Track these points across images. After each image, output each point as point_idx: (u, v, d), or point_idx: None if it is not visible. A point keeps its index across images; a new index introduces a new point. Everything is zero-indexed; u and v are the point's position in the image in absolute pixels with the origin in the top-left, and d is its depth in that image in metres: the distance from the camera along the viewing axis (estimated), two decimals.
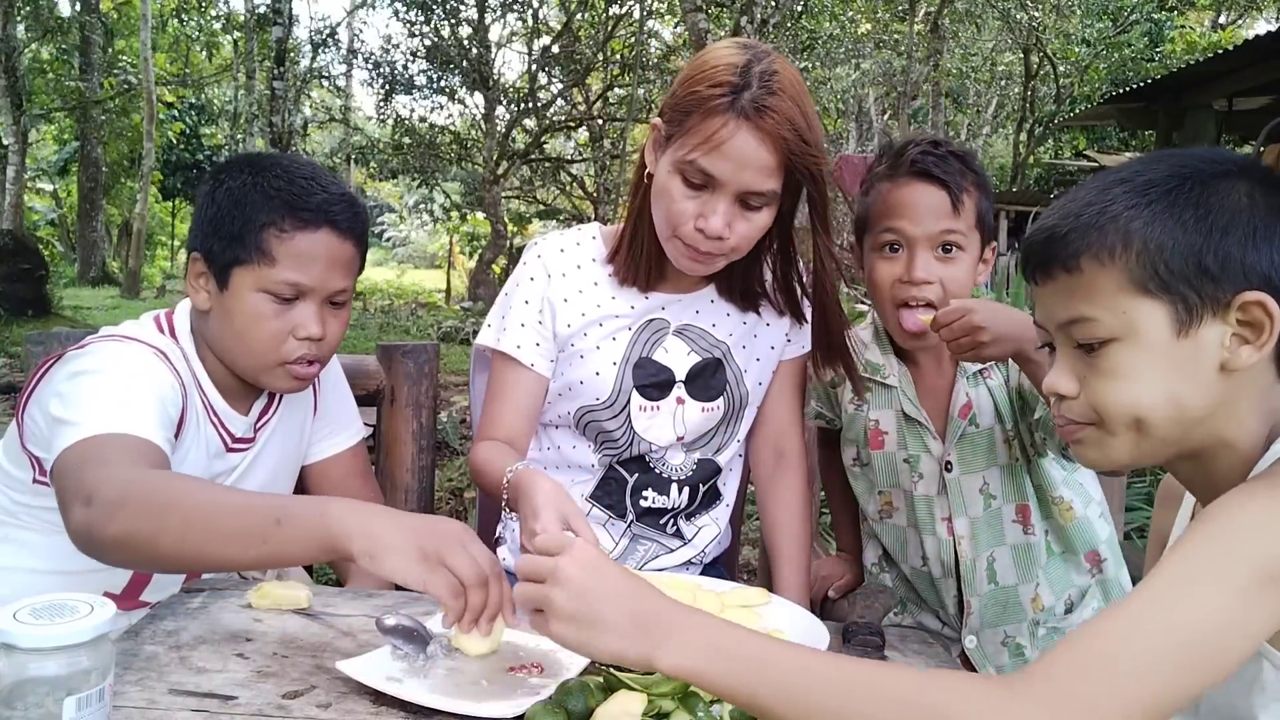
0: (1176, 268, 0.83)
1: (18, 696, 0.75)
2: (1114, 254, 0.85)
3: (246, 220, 1.29)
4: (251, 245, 1.28)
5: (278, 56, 11.87)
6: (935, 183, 1.40)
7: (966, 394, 1.48)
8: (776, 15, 9.33)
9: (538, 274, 1.49)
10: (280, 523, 0.99)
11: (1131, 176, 0.88)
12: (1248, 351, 0.83)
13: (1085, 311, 0.87)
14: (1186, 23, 17.64)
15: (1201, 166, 0.87)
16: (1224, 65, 7.99)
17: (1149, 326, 0.84)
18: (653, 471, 1.51)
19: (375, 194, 29.28)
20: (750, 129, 1.25)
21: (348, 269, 1.35)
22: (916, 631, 1.29)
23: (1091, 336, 0.87)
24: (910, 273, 1.40)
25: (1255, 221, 0.83)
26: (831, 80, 16.67)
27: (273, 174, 1.32)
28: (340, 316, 1.37)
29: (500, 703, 0.92)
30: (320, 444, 1.58)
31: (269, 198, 1.29)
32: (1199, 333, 0.84)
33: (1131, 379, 0.86)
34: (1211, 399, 0.85)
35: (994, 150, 21.23)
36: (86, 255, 17.08)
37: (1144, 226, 0.84)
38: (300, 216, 1.29)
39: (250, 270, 1.29)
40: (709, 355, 1.49)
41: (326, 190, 1.33)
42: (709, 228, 1.30)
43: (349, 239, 1.34)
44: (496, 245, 14.60)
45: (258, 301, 1.30)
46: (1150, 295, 0.84)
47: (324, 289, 1.32)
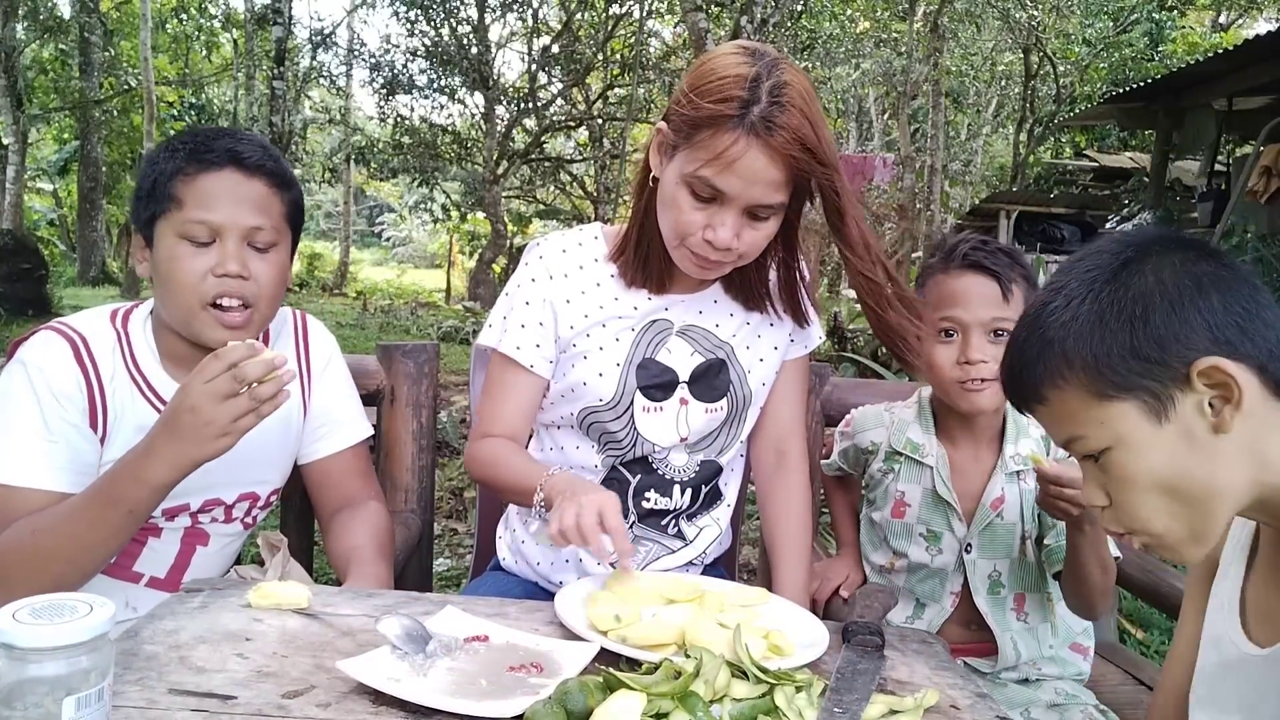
0: (1120, 367, 0.87)
1: (17, 696, 0.75)
2: (1065, 376, 0.91)
3: (158, 175, 1.35)
4: (163, 195, 1.35)
5: (277, 56, 11.86)
6: (986, 274, 1.50)
7: (1002, 489, 1.57)
8: (776, 15, 9.32)
9: (539, 275, 1.48)
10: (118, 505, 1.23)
11: (1052, 295, 0.93)
12: (1229, 411, 0.86)
13: (1072, 431, 0.93)
14: (1187, 23, 17.63)
15: (1107, 261, 0.91)
16: (1224, 65, 7.99)
17: (1130, 426, 0.88)
18: (655, 473, 1.50)
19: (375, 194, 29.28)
20: (760, 146, 1.24)
21: (260, 208, 1.38)
22: (916, 631, 1.29)
23: (1089, 450, 0.92)
24: (966, 354, 1.49)
25: (1169, 295, 0.87)
26: (831, 80, 16.68)
27: (181, 137, 1.39)
28: (269, 261, 1.39)
29: (500, 702, 0.92)
30: (319, 442, 1.57)
31: (174, 151, 1.36)
32: (1177, 412, 0.87)
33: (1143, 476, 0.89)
34: (1226, 461, 0.87)
35: (994, 150, 21.22)
36: (86, 255, 17.06)
37: (1076, 343, 0.90)
38: (202, 158, 1.35)
39: (166, 220, 1.35)
40: (713, 356, 1.49)
41: (233, 136, 1.39)
42: (717, 240, 1.30)
43: (258, 177, 1.37)
44: (496, 245, 14.60)
45: (175, 246, 1.34)
46: (1113, 399, 0.88)
47: (235, 226, 1.35)
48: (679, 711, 0.89)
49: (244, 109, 18.06)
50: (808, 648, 1.10)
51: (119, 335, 1.40)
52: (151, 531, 1.43)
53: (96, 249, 17.22)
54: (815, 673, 1.03)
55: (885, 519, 1.65)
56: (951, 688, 1.06)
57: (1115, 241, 0.94)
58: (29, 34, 15.70)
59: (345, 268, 20.71)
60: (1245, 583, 1.01)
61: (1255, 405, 0.86)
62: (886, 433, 1.67)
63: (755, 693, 0.95)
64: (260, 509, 1.55)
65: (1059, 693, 1.55)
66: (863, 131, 20.92)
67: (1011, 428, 1.60)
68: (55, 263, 14.50)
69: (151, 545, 1.43)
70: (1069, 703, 1.53)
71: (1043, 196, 12.71)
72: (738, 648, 1.00)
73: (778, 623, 1.17)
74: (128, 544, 1.39)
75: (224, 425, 1.19)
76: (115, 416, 1.37)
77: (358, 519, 1.52)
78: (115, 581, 1.41)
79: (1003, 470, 1.57)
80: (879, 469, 1.67)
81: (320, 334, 1.61)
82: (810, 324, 1.57)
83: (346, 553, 1.47)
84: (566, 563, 1.54)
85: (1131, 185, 12.16)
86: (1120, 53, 15.21)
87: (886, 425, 1.68)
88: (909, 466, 1.63)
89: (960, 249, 1.53)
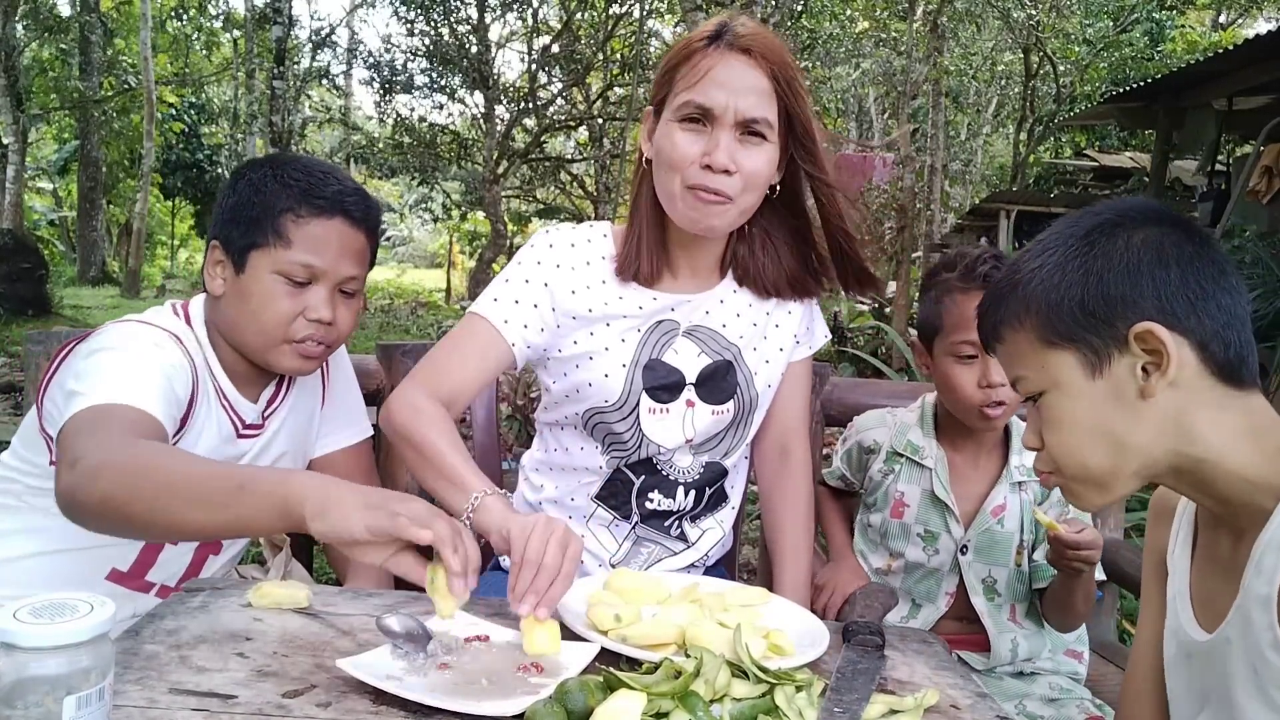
0: (1067, 316, 0.94)
1: (18, 695, 0.75)
2: (1020, 319, 0.97)
3: (265, 207, 1.36)
4: (269, 229, 1.36)
5: (277, 56, 11.87)
6: None
7: (1005, 497, 1.60)
8: (776, 15, 9.33)
9: (545, 259, 1.46)
10: (243, 488, 1.03)
11: (1034, 244, 1.00)
12: (1157, 377, 0.90)
13: (1018, 371, 1.00)
14: (1187, 22, 17.63)
15: (1087, 223, 0.97)
16: (1224, 65, 7.98)
17: (1065, 374, 0.95)
18: (659, 473, 1.50)
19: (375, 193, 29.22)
20: (735, 54, 1.32)
21: (359, 258, 1.42)
22: (916, 631, 1.29)
23: (1028, 392, 0.99)
24: (987, 378, 1.51)
25: (1130, 259, 0.92)
26: (831, 80, 16.67)
27: (291, 168, 1.41)
28: (351, 306, 1.43)
29: (500, 702, 0.92)
30: (325, 438, 1.59)
31: (287, 186, 1.37)
32: (1111, 370, 0.93)
33: (1065, 423, 0.96)
34: (1150, 426, 0.92)
35: (994, 150, 21.22)
36: (86, 255, 17.06)
37: (1037, 287, 0.96)
38: (315, 204, 1.37)
39: (266, 253, 1.36)
40: (720, 357, 1.48)
41: (341, 183, 1.41)
42: (715, 161, 1.31)
43: (361, 229, 1.42)
44: (496, 244, 14.59)
45: (272, 282, 1.36)
46: (1057, 346, 0.95)
47: (335, 274, 1.38)
48: (679, 711, 0.89)
49: (244, 108, 18.06)
50: (808, 648, 1.10)
51: (195, 336, 1.41)
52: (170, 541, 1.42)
53: (96, 249, 17.23)
54: (815, 672, 1.03)
55: (884, 519, 1.67)
56: (951, 687, 1.06)
57: (1106, 206, 0.99)
58: (29, 33, 15.69)
59: None
60: (1191, 571, 1.04)
61: (1188, 379, 0.91)
62: (889, 433, 1.68)
63: (755, 692, 0.95)
64: None
65: (1054, 687, 1.56)
66: (863, 131, 20.91)
67: (1016, 439, 1.62)
68: (55, 263, 14.51)
69: (167, 554, 1.43)
70: (1064, 697, 1.54)
71: (1043, 196, 12.72)
72: (738, 647, 1.00)
73: (778, 623, 1.17)
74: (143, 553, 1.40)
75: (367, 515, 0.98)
76: (198, 414, 1.36)
77: None
78: (126, 591, 1.40)
79: (1007, 480, 1.60)
80: (879, 469, 1.68)
81: None
82: (816, 321, 1.59)
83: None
84: None
85: (1131, 185, 12.17)
86: (1120, 52, 15.20)
87: (889, 426, 1.70)
88: (909, 468, 1.64)
89: (978, 269, 1.52)
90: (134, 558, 1.41)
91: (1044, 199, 12.25)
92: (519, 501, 1.63)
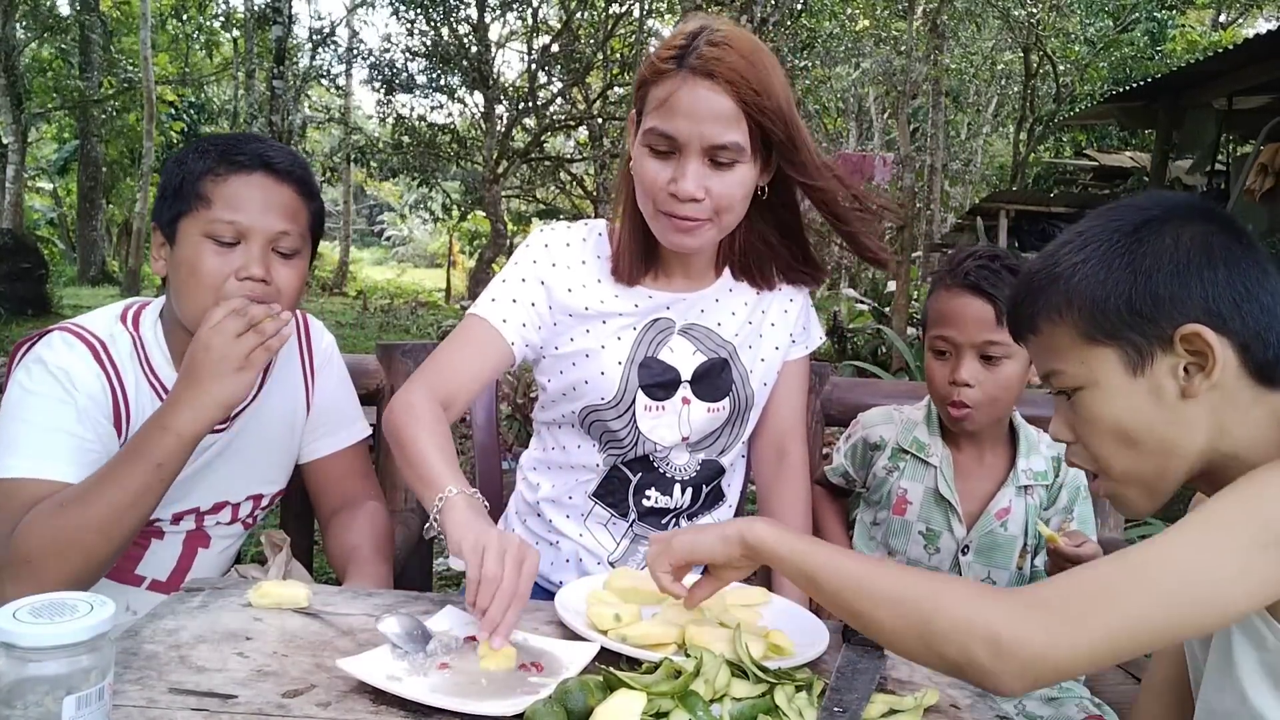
0: (1113, 315, 0.91)
1: (17, 695, 0.75)
2: (1061, 312, 0.95)
3: (185, 174, 1.35)
4: (190, 194, 1.34)
5: (277, 55, 11.86)
6: (982, 295, 1.51)
7: (1010, 500, 1.60)
8: (776, 14, 9.32)
9: (541, 258, 1.47)
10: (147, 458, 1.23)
11: (1074, 236, 0.97)
12: (1200, 378, 0.90)
13: (1053, 365, 0.97)
14: (1187, 22, 17.62)
15: (1132, 217, 0.94)
16: (1224, 64, 7.98)
17: (1106, 372, 0.93)
18: (656, 471, 1.50)
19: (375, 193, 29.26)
20: (698, 80, 1.28)
21: (288, 214, 1.37)
22: None
23: (1064, 386, 0.97)
24: (955, 374, 1.52)
25: (1179, 259, 0.90)
26: (831, 79, 16.65)
27: (211, 138, 1.40)
28: (292, 266, 1.38)
29: (500, 701, 0.92)
30: (318, 441, 1.57)
31: (205, 152, 1.36)
32: (1153, 369, 0.91)
33: (1107, 420, 0.94)
34: (1188, 426, 0.91)
35: (994, 149, 21.22)
36: (86, 254, 17.06)
37: (1081, 282, 0.93)
38: (233, 160, 1.35)
39: (192, 218, 1.34)
40: (715, 355, 1.48)
41: (264, 142, 1.39)
42: (681, 190, 1.30)
43: (287, 183, 1.37)
44: (496, 244, 14.59)
45: (199, 245, 1.33)
46: (1099, 343, 0.93)
47: (263, 230, 1.34)
48: (679, 711, 0.89)
49: (244, 108, 18.05)
50: (807, 647, 1.10)
51: (134, 339, 1.39)
52: (154, 534, 1.43)
53: (96, 249, 17.22)
54: (815, 672, 1.03)
55: (886, 517, 1.67)
56: (951, 687, 1.06)
57: (1147, 198, 0.97)
58: (29, 33, 15.68)
59: (345, 267, 20.72)
60: None
61: (1227, 379, 0.90)
62: (895, 430, 1.69)
63: (755, 692, 0.95)
64: (262, 509, 1.56)
65: (1053, 685, 1.56)
66: (863, 131, 20.90)
67: (1023, 443, 1.62)
68: (55, 262, 14.51)
69: (154, 548, 1.43)
70: (1064, 696, 1.54)
71: (1042, 196, 12.71)
72: (738, 647, 1.00)
73: (778, 622, 1.17)
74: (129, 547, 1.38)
75: (239, 359, 1.24)
76: (136, 421, 1.35)
77: (357, 519, 1.52)
78: (117, 585, 1.40)
79: (1014, 483, 1.60)
80: (884, 466, 1.68)
81: (320, 332, 1.62)
82: (812, 320, 1.59)
83: (346, 552, 1.47)
84: (567, 563, 1.54)
85: (1131, 184, 12.16)
86: (1120, 52, 15.20)
87: (896, 423, 1.70)
88: (914, 465, 1.65)
89: (964, 266, 1.53)
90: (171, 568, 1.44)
91: (1044, 199, 12.24)
92: (517, 501, 1.63)
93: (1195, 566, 0.80)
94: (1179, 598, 0.79)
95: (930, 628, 0.84)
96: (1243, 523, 0.81)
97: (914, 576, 0.91)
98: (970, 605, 0.83)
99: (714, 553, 1.02)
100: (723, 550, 1.01)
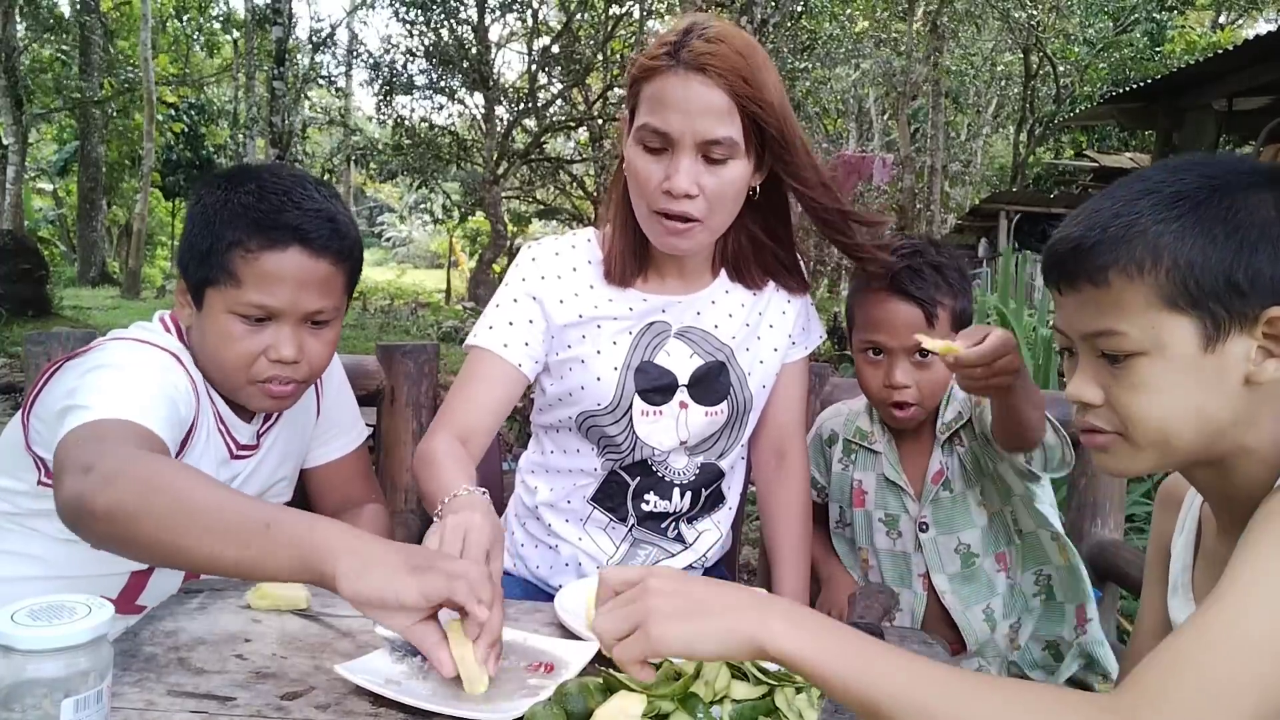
0: (1207, 284, 0.83)
1: (15, 698, 0.75)
2: (1143, 269, 0.84)
3: (215, 239, 1.25)
4: (218, 266, 1.24)
5: (278, 56, 11.85)
6: (911, 300, 1.50)
7: (940, 462, 1.59)
8: (776, 15, 9.32)
9: (530, 275, 1.47)
10: (269, 528, 0.93)
11: (1159, 187, 0.87)
12: (1273, 365, 0.84)
13: (1113, 325, 0.87)
14: (1186, 22, 17.63)
15: (1230, 178, 0.85)
16: (1224, 65, 7.98)
17: (1177, 341, 0.84)
18: (655, 475, 1.49)
19: (375, 194, 29.28)
20: (690, 75, 1.27)
21: (323, 289, 1.29)
22: (916, 632, 1.29)
23: (1118, 349, 0.87)
24: (890, 378, 1.52)
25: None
26: (831, 80, 16.66)
27: (245, 189, 1.26)
28: (322, 336, 1.32)
29: (500, 704, 0.92)
30: (322, 447, 1.57)
31: (236, 215, 1.25)
32: (1226, 347, 0.84)
33: (1158, 392, 0.86)
34: (1235, 411, 0.85)
35: (994, 150, 21.23)
36: (86, 255, 17.07)
37: (1174, 242, 0.83)
38: (267, 235, 1.24)
39: (219, 291, 1.25)
40: (712, 358, 1.48)
41: (300, 206, 1.26)
42: (674, 186, 1.29)
43: (324, 257, 1.27)
44: (497, 245, 14.61)
45: (228, 323, 1.26)
46: (1179, 311, 0.84)
47: (295, 311, 1.27)
48: (679, 713, 0.89)
49: (244, 109, 18.06)
50: None
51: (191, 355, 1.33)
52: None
53: (96, 249, 17.23)
54: None
55: (850, 513, 1.68)
56: None
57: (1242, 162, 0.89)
58: (29, 34, 15.70)
59: None
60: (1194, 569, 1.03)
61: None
62: (842, 423, 1.71)
63: (755, 694, 0.95)
64: None
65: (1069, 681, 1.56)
66: (863, 132, 20.91)
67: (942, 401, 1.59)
68: (55, 263, 14.51)
69: (156, 578, 1.39)
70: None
71: (1042, 197, 12.73)
72: None
73: None
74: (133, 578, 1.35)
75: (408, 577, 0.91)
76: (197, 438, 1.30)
77: (359, 521, 1.52)
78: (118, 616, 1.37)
79: (938, 445, 1.59)
80: (839, 461, 1.70)
81: None
82: (811, 321, 1.59)
83: None
84: (566, 566, 1.54)
85: None
86: (1120, 53, 15.22)
87: (843, 415, 1.72)
88: (863, 455, 1.66)
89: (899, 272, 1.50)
90: (123, 585, 1.36)
91: (1044, 199, 12.25)
92: (516, 504, 1.63)
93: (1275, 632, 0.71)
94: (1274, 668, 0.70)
95: None
96: None
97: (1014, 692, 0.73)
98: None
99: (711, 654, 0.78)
100: (726, 653, 0.78)
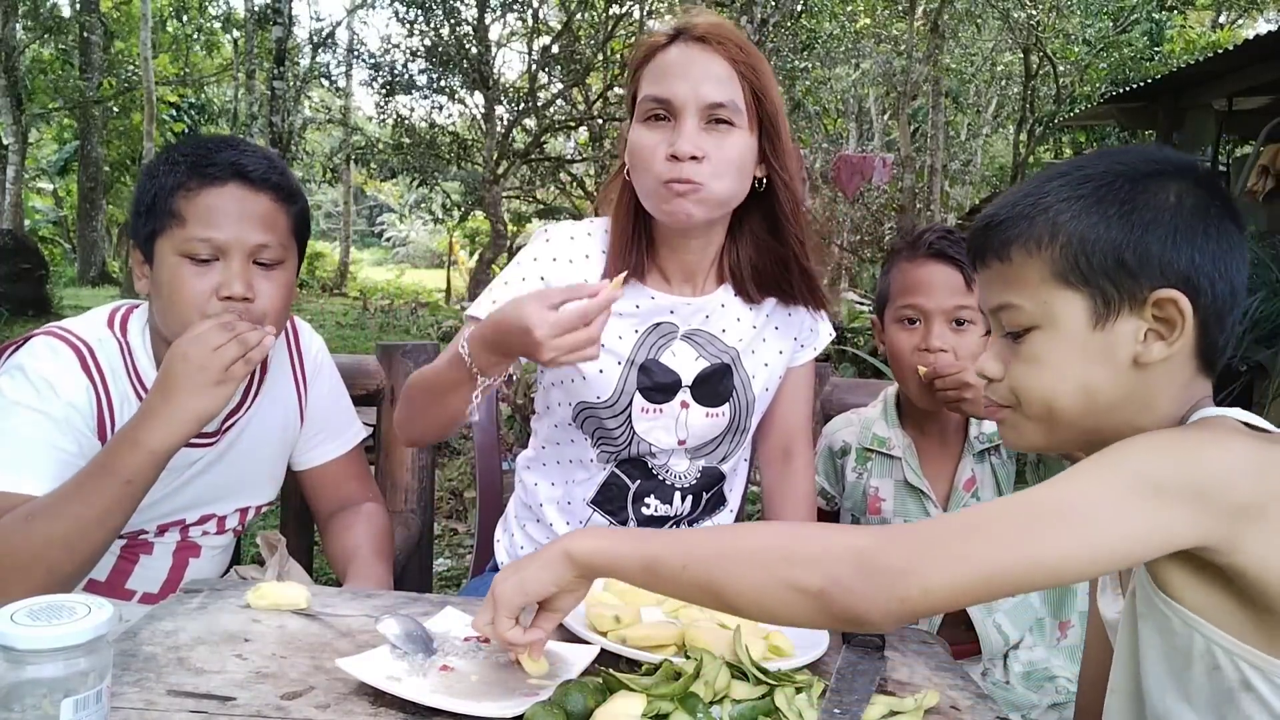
0: (1096, 261, 0.87)
1: (15, 698, 0.75)
2: (1040, 245, 0.89)
3: (157, 189, 1.30)
4: (163, 211, 1.29)
5: (277, 56, 11.85)
6: (950, 262, 1.53)
7: (972, 469, 1.59)
8: (776, 15, 9.32)
9: (541, 255, 1.46)
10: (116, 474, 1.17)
11: (1071, 170, 0.91)
12: (1159, 347, 0.86)
13: (1011, 299, 0.91)
14: (1186, 22, 17.62)
15: (1138, 165, 0.90)
16: (1224, 65, 7.97)
17: (1067, 316, 0.88)
18: (655, 478, 1.49)
19: (375, 193, 29.27)
20: (692, 44, 1.33)
21: (266, 224, 1.32)
22: (917, 632, 1.29)
23: (1015, 324, 0.91)
24: (927, 341, 1.52)
25: (1178, 221, 0.86)
26: (831, 80, 16.64)
27: (182, 146, 1.34)
28: (274, 279, 1.33)
29: (500, 703, 0.92)
30: (316, 450, 1.56)
31: (175, 164, 1.30)
32: (1115, 326, 0.87)
33: (1046, 366, 0.90)
34: (1123, 391, 0.88)
35: (994, 150, 21.21)
36: (86, 255, 17.05)
37: (1070, 220, 0.88)
38: (205, 173, 1.29)
39: (167, 237, 1.29)
40: (717, 361, 1.47)
41: (236, 148, 1.33)
42: (679, 149, 1.30)
43: (264, 191, 1.32)
44: (497, 245, 14.58)
45: (177, 266, 1.28)
46: (1070, 286, 0.88)
47: (241, 244, 1.29)
48: (679, 713, 0.89)
49: (244, 109, 18.05)
50: (808, 649, 1.10)
51: (120, 345, 1.35)
52: (143, 549, 1.41)
53: (96, 249, 17.21)
54: (815, 673, 1.03)
55: (865, 520, 1.67)
56: (952, 688, 1.06)
57: (1154, 149, 0.92)
58: (29, 34, 15.69)
59: (345, 268, 20.72)
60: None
61: (1178, 355, 0.87)
62: (855, 431, 1.70)
63: (755, 694, 0.95)
64: (252, 516, 1.54)
65: (1060, 690, 1.55)
66: (863, 132, 20.89)
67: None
68: (55, 263, 14.51)
69: (144, 562, 1.41)
70: (1069, 700, 1.54)
71: None
72: (738, 649, 1.00)
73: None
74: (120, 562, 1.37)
75: (218, 371, 1.19)
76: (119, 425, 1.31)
77: (357, 520, 1.52)
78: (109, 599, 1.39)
79: (969, 452, 1.59)
80: (853, 470, 1.69)
81: (309, 336, 1.58)
82: (820, 323, 1.57)
83: (346, 554, 1.46)
84: None
85: None
86: (1120, 52, 15.19)
87: (855, 424, 1.71)
88: (879, 462, 1.65)
89: (925, 237, 1.56)
90: (111, 566, 1.38)
91: None
92: (516, 505, 1.63)
93: (1070, 504, 0.79)
94: (1053, 532, 0.78)
95: (791, 564, 0.81)
96: (1113, 469, 0.80)
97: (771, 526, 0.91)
98: (835, 533, 0.84)
99: (543, 582, 0.92)
100: (551, 576, 0.91)
